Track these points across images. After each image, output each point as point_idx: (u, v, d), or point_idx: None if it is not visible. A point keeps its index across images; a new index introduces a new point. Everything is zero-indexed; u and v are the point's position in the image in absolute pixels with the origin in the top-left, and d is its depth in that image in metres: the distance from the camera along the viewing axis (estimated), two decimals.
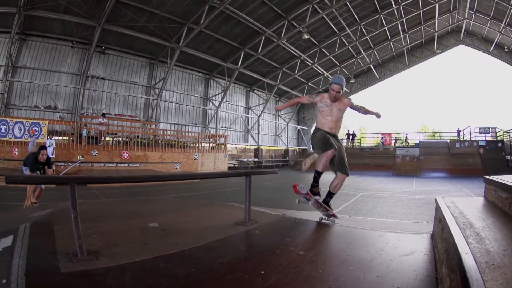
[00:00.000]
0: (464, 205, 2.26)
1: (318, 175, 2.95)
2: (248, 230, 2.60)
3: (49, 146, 10.42)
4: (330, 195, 3.06)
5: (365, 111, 3.05)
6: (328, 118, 2.99)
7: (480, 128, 20.77)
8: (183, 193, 7.98)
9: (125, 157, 12.74)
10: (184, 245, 2.14)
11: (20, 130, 12.74)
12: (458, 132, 22.45)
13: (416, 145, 20.40)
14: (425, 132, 31.39)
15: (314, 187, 2.97)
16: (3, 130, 12.36)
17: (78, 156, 11.84)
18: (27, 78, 14.59)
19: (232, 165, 17.31)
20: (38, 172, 5.09)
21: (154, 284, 1.57)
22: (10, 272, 1.61)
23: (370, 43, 19.44)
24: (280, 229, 2.77)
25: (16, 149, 12.05)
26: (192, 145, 14.51)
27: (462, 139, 21.09)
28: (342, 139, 25.45)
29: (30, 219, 2.98)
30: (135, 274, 1.68)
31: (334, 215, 3.05)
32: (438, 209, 2.25)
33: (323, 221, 3.05)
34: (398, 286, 1.48)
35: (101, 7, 12.68)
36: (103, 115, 13.50)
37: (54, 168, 6.46)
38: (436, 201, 2.48)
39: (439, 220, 2.05)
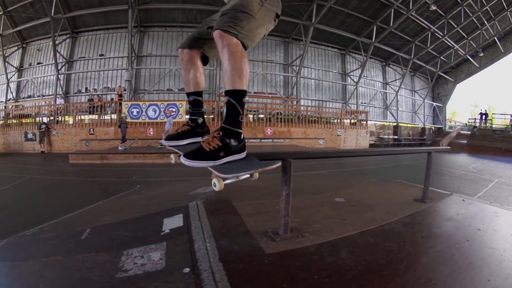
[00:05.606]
0: None
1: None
2: (428, 207, 2.61)
3: None
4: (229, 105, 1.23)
5: None
6: None
7: None
8: (333, 168, 7.94)
9: (269, 133, 12.80)
10: (381, 220, 2.12)
11: (155, 111, 13.57)
12: None
13: None
14: None
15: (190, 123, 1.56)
16: (135, 113, 13.31)
17: None
18: (154, 65, 15.70)
19: (372, 142, 16.71)
20: None
21: (374, 260, 1.52)
22: (195, 258, 1.41)
23: (491, 13, 17.82)
24: (454, 208, 2.76)
25: (151, 129, 12.92)
26: (334, 121, 14.21)
27: None
28: (474, 119, 23.16)
29: (197, 196, 2.84)
30: (350, 250, 1.60)
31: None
32: None
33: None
34: None
35: None
36: None
37: None
38: None
39: None
